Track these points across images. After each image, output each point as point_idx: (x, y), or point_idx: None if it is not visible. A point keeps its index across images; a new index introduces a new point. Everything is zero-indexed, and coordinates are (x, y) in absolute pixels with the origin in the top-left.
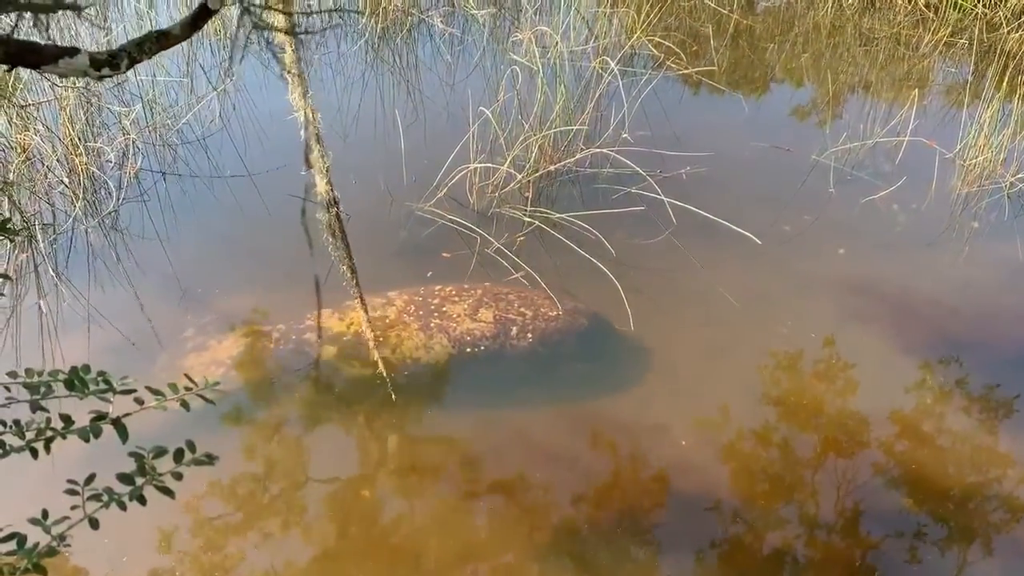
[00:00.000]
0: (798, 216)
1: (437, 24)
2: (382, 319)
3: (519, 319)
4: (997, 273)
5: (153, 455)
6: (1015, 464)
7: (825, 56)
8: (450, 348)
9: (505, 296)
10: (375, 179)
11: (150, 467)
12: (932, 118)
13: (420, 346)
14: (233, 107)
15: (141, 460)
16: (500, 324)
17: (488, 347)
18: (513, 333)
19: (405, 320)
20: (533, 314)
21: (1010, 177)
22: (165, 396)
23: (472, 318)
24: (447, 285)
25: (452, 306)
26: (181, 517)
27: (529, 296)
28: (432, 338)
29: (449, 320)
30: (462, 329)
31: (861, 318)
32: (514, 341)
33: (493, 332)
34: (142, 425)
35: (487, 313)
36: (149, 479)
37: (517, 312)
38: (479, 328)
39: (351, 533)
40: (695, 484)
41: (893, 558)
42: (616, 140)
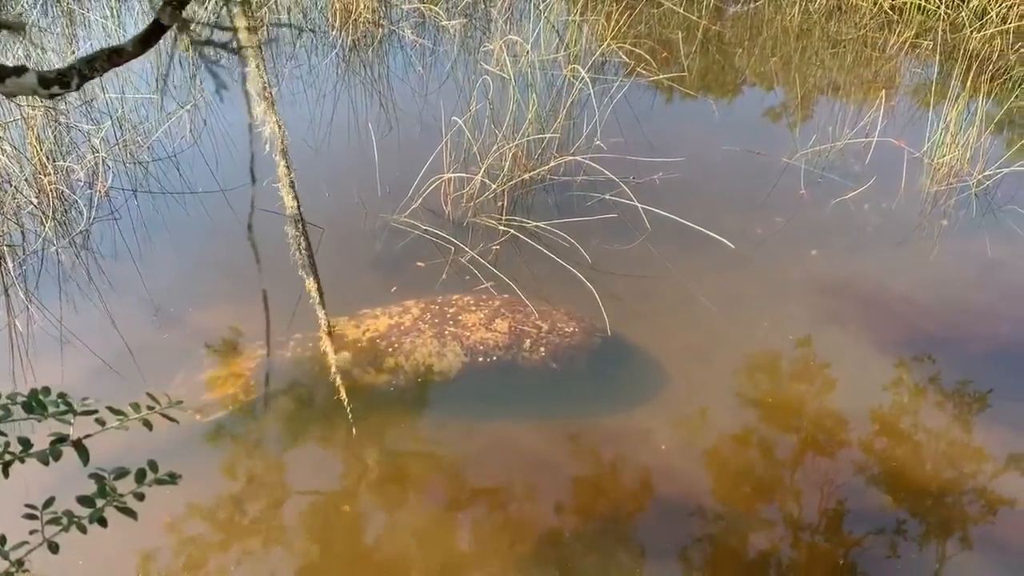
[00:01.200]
0: (770, 219)
1: (408, 35)
2: (397, 325)
3: (534, 332)
4: (967, 270)
5: (115, 476)
6: (989, 458)
7: (794, 59)
8: (463, 356)
9: (523, 308)
10: (349, 191)
11: (111, 488)
12: (900, 118)
13: (433, 353)
14: (204, 122)
15: (102, 481)
16: (514, 335)
17: (500, 357)
18: (526, 345)
19: (420, 327)
20: (549, 328)
21: (977, 175)
22: (127, 416)
23: (487, 328)
24: (466, 294)
25: (468, 315)
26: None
27: (548, 311)
28: (445, 346)
29: (464, 329)
30: (476, 338)
31: (836, 318)
32: (526, 353)
33: (507, 343)
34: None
35: (502, 324)
36: (110, 500)
37: (533, 325)
38: (493, 338)
39: (336, 548)
40: (677, 488)
41: (874, 555)
42: (589, 147)
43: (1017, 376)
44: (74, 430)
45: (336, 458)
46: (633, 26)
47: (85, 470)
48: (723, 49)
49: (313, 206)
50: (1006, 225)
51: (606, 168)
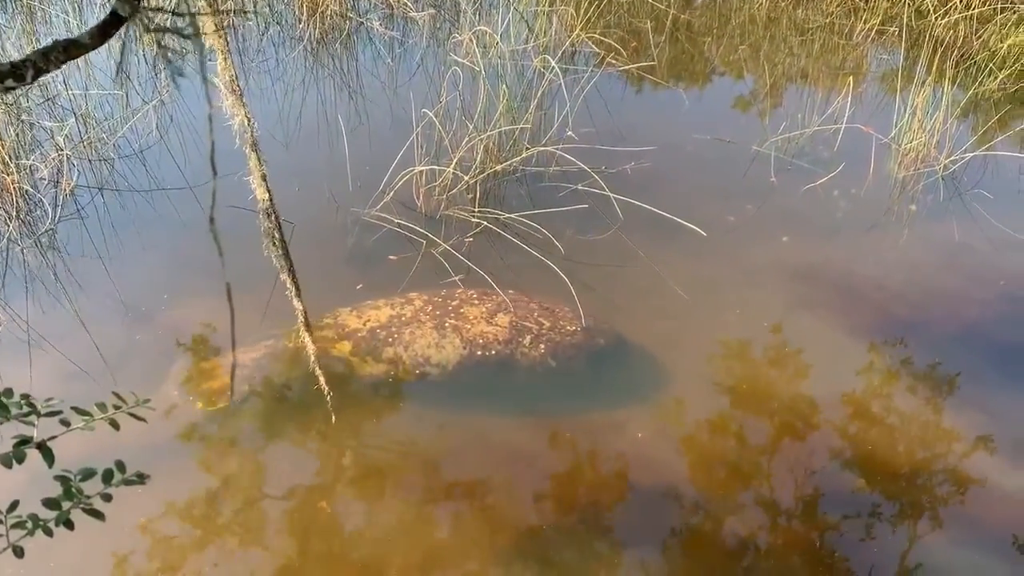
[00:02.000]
0: (742, 206)
1: (376, 28)
2: (399, 316)
3: (535, 327)
4: (935, 254)
5: (81, 477)
6: (959, 439)
7: (762, 48)
8: (461, 349)
9: (527, 304)
10: (319, 185)
11: (77, 490)
12: (868, 105)
13: (432, 344)
14: (170, 118)
15: (68, 483)
16: (515, 330)
17: (499, 352)
18: (526, 341)
19: (421, 319)
20: (551, 325)
21: (944, 160)
22: (92, 416)
23: (488, 322)
24: (470, 288)
25: (470, 308)
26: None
27: (552, 307)
28: (445, 337)
29: (465, 321)
30: (476, 331)
31: (808, 304)
32: (526, 349)
33: (507, 337)
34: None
35: (504, 318)
36: (76, 502)
37: (535, 321)
38: (493, 332)
39: (315, 544)
40: (654, 476)
41: (849, 538)
42: (561, 138)
43: (985, 358)
44: (38, 432)
45: (316, 452)
46: (602, 16)
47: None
48: (692, 38)
49: (283, 201)
50: (973, 209)
51: (578, 158)
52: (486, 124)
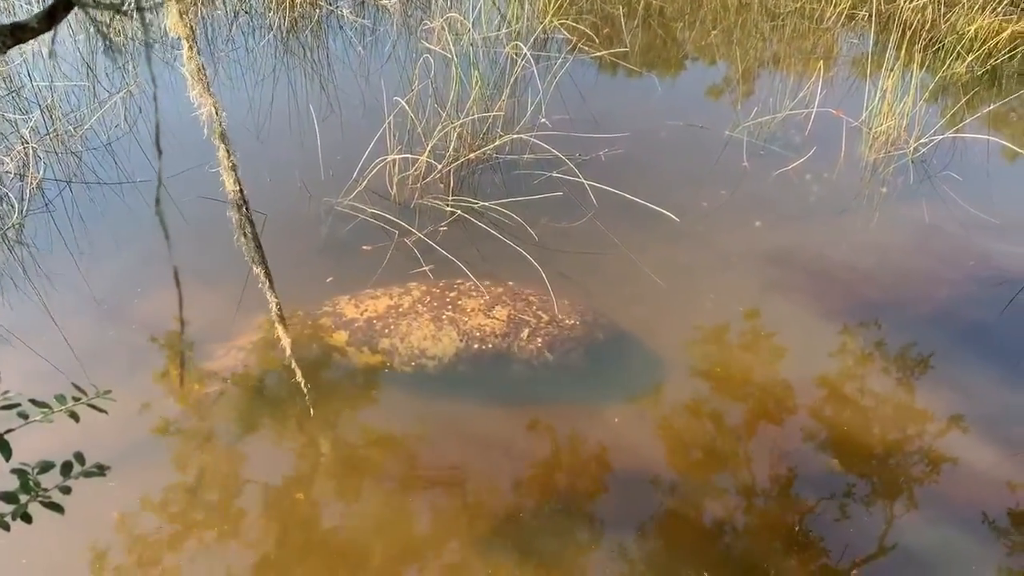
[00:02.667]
0: (715, 192)
1: (346, 15)
2: (396, 307)
3: (533, 321)
4: (906, 236)
5: (39, 470)
6: (932, 419)
7: (734, 33)
8: (458, 341)
9: (526, 297)
10: (291, 176)
11: (35, 483)
12: (838, 89)
13: (428, 336)
14: (139, 109)
15: (25, 476)
16: (513, 324)
17: (496, 345)
18: (524, 335)
19: (418, 310)
20: (549, 319)
21: (913, 143)
22: (51, 409)
23: (486, 314)
24: (468, 280)
25: (468, 300)
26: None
27: (550, 300)
28: (441, 330)
29: (462, 314)
30: (473, 324)
31: (781, 287)
32: (522, 343)
33: (504, 330)
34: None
35: (502, 311)
36: (34, 496)
37: (533, 314)
38: (490, 325)
39: (294, 535)
40: (631, 461)
41: (825, 519)
42: (534, 125)
43: (957, 338)
44: None
45: (293, 445)
46: (574, 2)
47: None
48: (664, 24)
49: (255, 192)
50: (942, 191)
51: (552, 145)
52: (459, 112)
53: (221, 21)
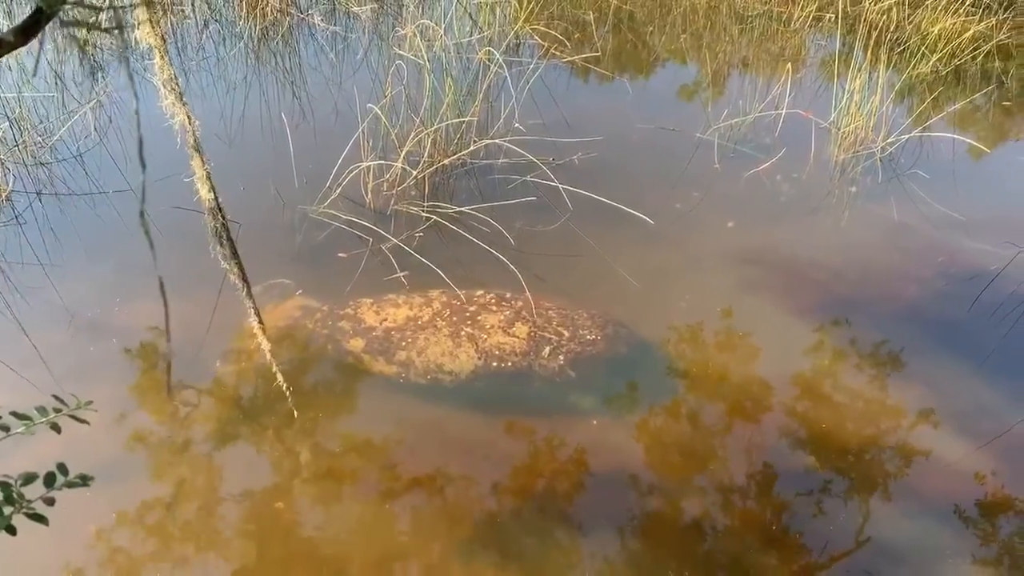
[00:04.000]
0: (687, 194)
1: (318, 23)
2: (415, 319)
3: (555, 339)
4: (876, 234)
5: (22, 482)
6: (905, 414)
7: (704, 36)
8: (476, 359)
9: (545, 312)
10: (265, 184)
11: (18, 494)
12: (807, 90)
13: (446, 353)
14: (109, 119)
15: (8, 489)
16: (533, 342)
17: (516, 364)
18: (545, 353)
19: (437, 324)
20: (570, 335)
21: (881, 142)
22: (33, 421)
23: (506, 331)
24: (489, 292)
25: (488, 315)
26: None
27: (570, 314)
28: (460, 347)
29: (481, 331)
30: (492, 342)
31: (755, 287)
32: (544, 361)
33: (524, 349)
34: None
35: (522, 328)
36: (18, 507)
37: (554, 331)
38: (510, 343)
39: (275, 545)
40: (610, 462)
41: (803, 515)
42: (508, 130)
43: (927, 334)
44: None
45: (275, 451)
46: (546, 7)
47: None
48: (635, 28)
49: (229, 201)
50: (910, 189)
51: (526, 150)
52: (433, 118)
53: (191, 30)
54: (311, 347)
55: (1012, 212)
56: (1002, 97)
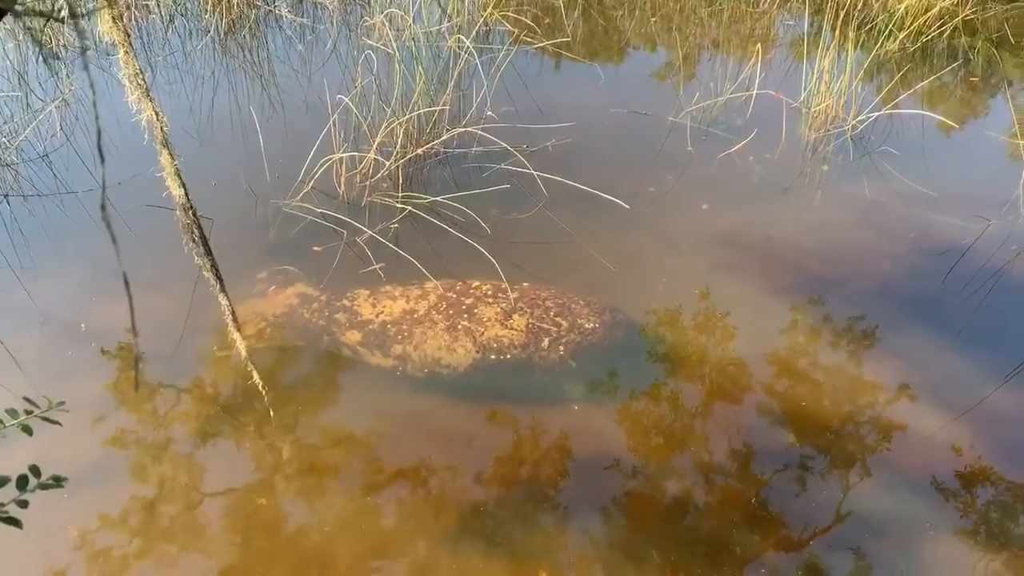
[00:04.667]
0: (661, 177)
1: (285, 14)
2: (412, 312)
3: (553, 329)
4: (849, 212)
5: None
6: (882, 389)
7: (673, 19)
8: (474, 353)
9: (543, 303)
10: (236, 179)
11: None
12: (777, 71)
13: (442, 347)
14: (76, 118)
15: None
16: (532, 333)
17: (516, 356)
18: (545, 344)
19: (433, 317)
20: (569, 325)
21: (851, 120)
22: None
23: (503, 324)
24: (484, 283)
25: (485, 308)
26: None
27: (567, 304)
28: (456, 340)
29: (478, 324)
30: (490, 335)
31: (730, 268)
32: (544, 352)
33: (523, 341)
34: None
35: (520, 320)
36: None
37: (552, 322)
38: (508, 336)
39: (259, 541)
40: (592, 446)
41: (783, 492)
42: (481, 118)
43: (901, 310)
44: None
45: (254, 448)
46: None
47: None
48: (605, 12)
49: (200, 197)
50: (881, 166)
51: (499, 137)
52: (404, 108)
53: (156, 25)
54: (306, 338)
55: (981, 186)
56: (969, 73)
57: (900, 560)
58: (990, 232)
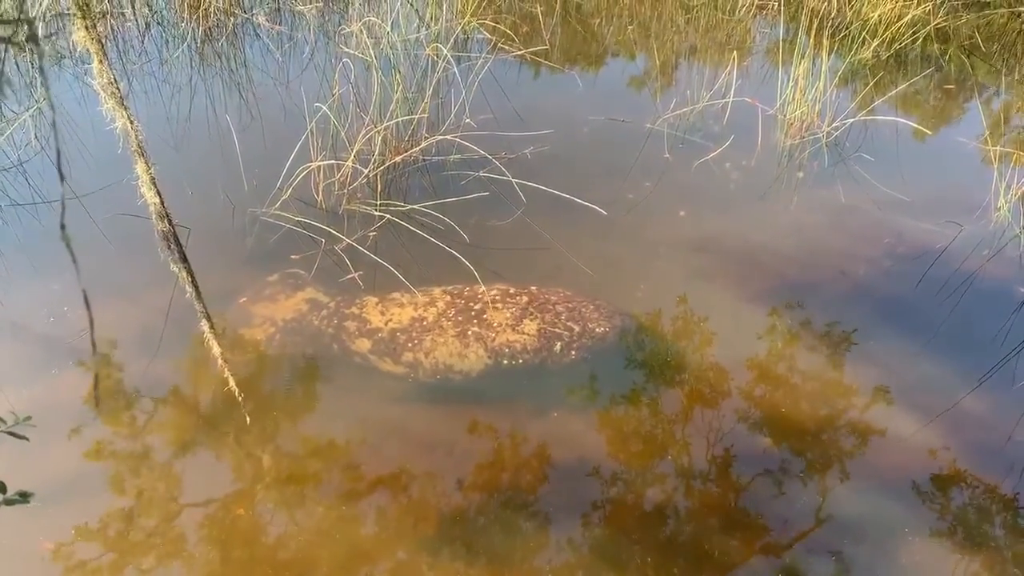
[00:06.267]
0: (639, 184)
1: (263, 23)
2: (420, 320)
3: (565, 334)
4: (824, 217)
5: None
6: (858, 393)
7: (651, 27)
8: (486, 359)
9: (552, 307)
10: (213, 187)
11: None
12: (753, 78)
13: (454, 354)
14: (52, 126)
15: None
16: (544, 338)
17: (528, 361)
18: (557, 348)
19: (442, 324)
20: (580, 329)
21: (826, 127)
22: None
23: (514, 329)
24: (492, 288)
25: (494, 313)
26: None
27: (577, 308)
28: (468, 347)
29: (488, 329)
30: (501, 340)
31: (708, 274)
32: (556, 357)
33: (536, 346)
34: None
35: (531, 325)
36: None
37: (564, 326)
38: (520, 340)
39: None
40: (572, 453)
41: (762, 495)
42: (459, 126)
43: (876, 314)
44: None
45: (231, 459)
46: (492, 2)
47: None
48: (582, 20)
49: (177, 205)
50: (855, 172)
51: (478, 145)
52: (382, 115)
53: (132, 33)
54: (315, 345)
55: (954, 192)
56: (943, 80)
57: (878, 563)
58: (963, 237)
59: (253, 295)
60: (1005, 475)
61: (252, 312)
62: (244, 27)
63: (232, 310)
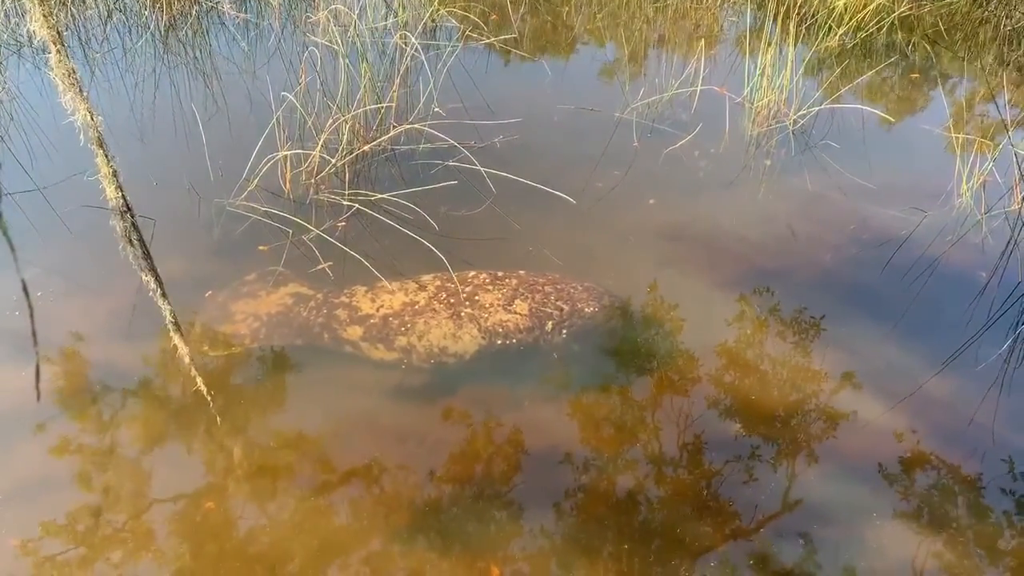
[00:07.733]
0: (608, 173)
1: (227, 11)
2: (412, 304)
3: (556, 313)
4: (791, 204)
5: None
6: (827, 378)
7: (620, 16)
8: (480, 339)
9: (541, 288)
10: (178, 178)
11: None
12: (721, 66)
13: (448, 335)
14: (11, 117)
15: None
16: (536, 317)
17: (522, 340)
18: (548, 327)
19: (435, 307)
20: (570, 309)
21: (793, 115)
22: None
23: (506, 309)
24: (481, 272)
25: (485, 295)
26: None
27: (565, 289)
28: (461, 327)
29: (481, 310)
30: (494, 320)
31: (677, 262)
32: (548, 336)
33: (528, 325)
34: None
35: (522, 305)
36: None
37: (554, 306)
38: (513, 320)
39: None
40: (544, 441)
41: (733, 481)
42: (428, 115)
43: (842, 300)
44: None
45: (201, 453)
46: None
47: None
48: (552, 9)
49: (141, 197)
50: (822, 159)
51: (447, 134)
52: (350, 104)
53: (94, 21)
54: (305, 336)
55: (918, 179)
56: (908, 68)
57: (845, 545)
58: (927, 223)
59: (231, 293)
60: (968, 457)
61: (232, 309)
62: (209, 15)
63: (211, 307)
